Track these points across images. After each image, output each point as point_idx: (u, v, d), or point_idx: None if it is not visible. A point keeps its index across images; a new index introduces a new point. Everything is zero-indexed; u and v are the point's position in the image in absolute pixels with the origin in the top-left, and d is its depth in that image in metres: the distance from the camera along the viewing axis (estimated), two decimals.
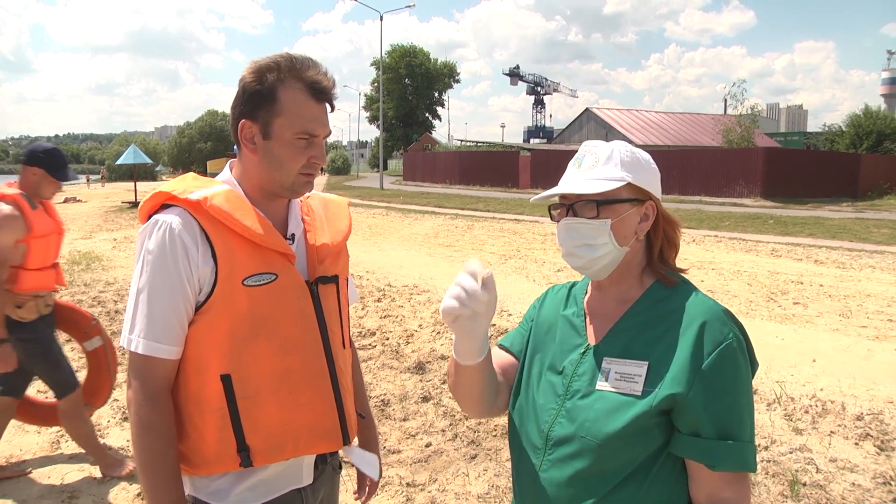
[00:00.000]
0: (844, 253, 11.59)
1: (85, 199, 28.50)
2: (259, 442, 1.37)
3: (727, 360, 1.12)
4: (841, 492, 3.33)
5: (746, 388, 1.15)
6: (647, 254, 1.29)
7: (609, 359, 1.21)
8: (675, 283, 1.25)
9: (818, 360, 5.44)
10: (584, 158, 1.28)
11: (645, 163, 1.27)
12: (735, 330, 1.16)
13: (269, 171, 1.40)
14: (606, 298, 1.30)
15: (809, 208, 21.17)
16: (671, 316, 1.19)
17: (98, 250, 12.23)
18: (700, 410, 1.10)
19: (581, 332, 1.30)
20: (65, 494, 3.42)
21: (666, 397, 1.12)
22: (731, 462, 1.11)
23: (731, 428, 1.11)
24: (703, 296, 1.22)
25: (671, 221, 1.29)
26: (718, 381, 1.11)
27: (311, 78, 1.37)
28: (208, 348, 1.34)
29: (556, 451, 1.22)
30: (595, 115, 49.63)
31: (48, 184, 3.32)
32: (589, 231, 1.23)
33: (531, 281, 9.07)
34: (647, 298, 1.25)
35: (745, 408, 1.14)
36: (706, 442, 1.11)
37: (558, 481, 1.21)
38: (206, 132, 69.03)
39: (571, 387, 1.24)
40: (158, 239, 1.32)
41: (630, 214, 1.24)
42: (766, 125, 57.01)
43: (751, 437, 1.14)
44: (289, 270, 1.40)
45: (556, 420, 1.23)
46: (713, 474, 1.12)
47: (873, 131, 34.51)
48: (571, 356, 1.28)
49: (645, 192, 1.25)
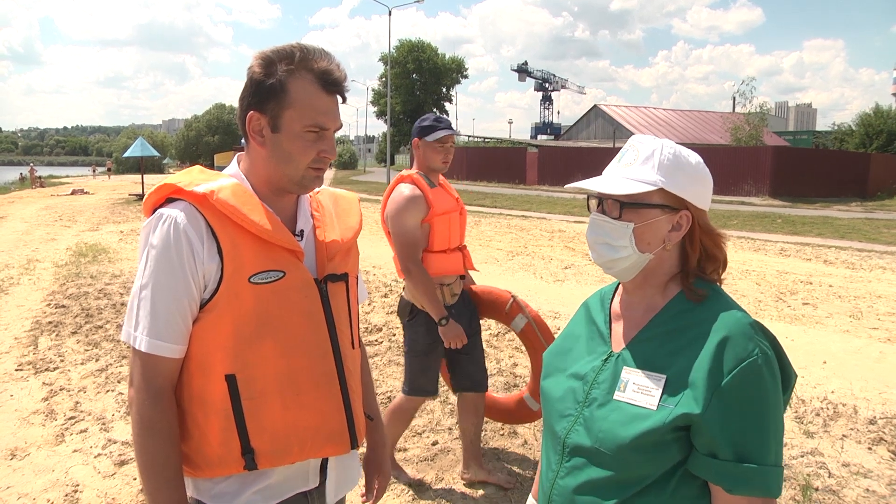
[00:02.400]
0: (854, 253, 11.50)
1: (92, 192, 28.56)
2: (264, 444, 1.33)
3: (749, 379, 1.04)
4: (855, 498, 3.28)
5: (771, 407, 1.07)
6: (680, 263, 1.21)
7: (629, 369, 1.16)
8: (699, 298, 1.17)
9: (829, 362, 5.38)
10: (626, 154, 1.21)
11: (689, 168, 1.18)
12: (762, 345, 1.08)
13: (277, 165, 1.35)
14: (633, 304, 1.24)
15: (818, 208, 21.04)
16: (694, 328, 1.12)
17: (105, 242, 12.25)
18: (716, 431, 1.04)
19: (606, 339, 1.25)
20: (69, 488, 3.40)
21: (681, 416, 1.06)
22: (751, 487, 1.04)
23: (752, 450, 1.04)
24: (732, 307, 1.14)
25: (712, 234, 1.20)
26: (738, 400, 1.04)
27: (322, 68, 1.32)
28: (213, 347, 1.30)
29: (572, 459, 1.18)
30: (603, 112, 49.43)
31: (431, 152, 3.17)
32: (611, 230, 1.18)
33: (538, 278, 9.02)
34: (671, 308, 1.18)
35: (769, 429, 1.05)
36: (724, 464, 1.04)
37: (573, 490, 1.17)
38: (214, 126, 69.13)
39: (591, 395, 1.19)
40: (163, 234, 1.28)
41: (658, 221, 1.16)
42: (775, 124, 56.73)
43: (776, 461, 1.06)
44: (297, 268, 1.35)
45: (573, 428, 1.19)
46: (733, 497, 1.06)
47: (884, 130, 34.29)
48: (594, 363, 1.23)
49: (680, 199, 1.17)
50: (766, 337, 1.10)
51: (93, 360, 5.33)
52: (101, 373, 5.04)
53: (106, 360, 5.34)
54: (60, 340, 5.90)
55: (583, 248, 11.63)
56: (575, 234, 13.83)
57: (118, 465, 3.63)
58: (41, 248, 11.75)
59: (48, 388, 4.74)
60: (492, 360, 5.34)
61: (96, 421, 4.20)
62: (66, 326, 6.33)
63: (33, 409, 4.40)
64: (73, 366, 5.23)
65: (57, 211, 19.39)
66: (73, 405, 4.45)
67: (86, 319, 6.55)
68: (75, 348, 5.67)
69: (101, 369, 5.11)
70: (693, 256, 1.19)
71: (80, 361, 5.32)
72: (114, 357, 5.40)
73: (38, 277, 8.90)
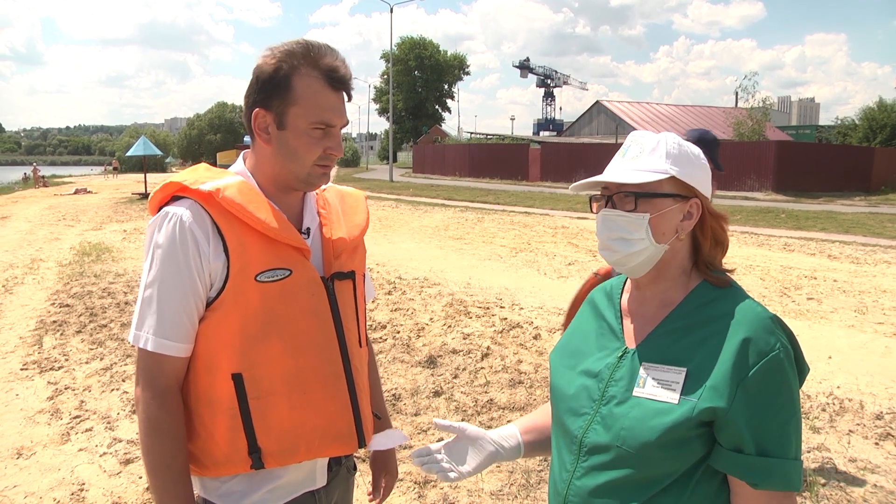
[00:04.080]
0: (858, 248, 11.46)
1: (95, 191, 28.59)
2: (271, 443, 1.32)
3: (772, 373, 1.05)
4: (862, 493, 3.26)
5: (793, 402, 1.07)
6: (692, 254, 1.21)
7: (647, 364, 1.15)
8: (726, 285, 1.17)
9: (834, 357, 5.36)
10: (630, 148, 1.21)
11: (694, 157, 1.19)
12: (783, 339, 1.08)
13: (283, 163, 1.34)
14: (646, 299, 1.23)
15: (822, 202, 20.97)
16: (715, 321, 1.12)
17: (108, 241, 12.26)
18: (742, 426, 1.04)
19: (619, 335, 1.24)
20: (75, 486, 3.40)
21: (706, 409, 1.05)
22: (775, 481, 1.04)
23: (776, 445, 1.05)
24: (750, 301, 1.14)
25: (719, 219, 1.21)
26: (762, 395, 1.04)
27: (327, 65, 1.31)
28: (219, 346, 1.29)
29: (589, 458, 1.16)
30: (605, 107, 49.33)
31: None
32: (626, 224, 1.16)
33: (542, 274, 9.01)
34: (691, 301, 1.17)
35: (790, 423, 1.06)
36: (748, 458, 1.04)
37: (592, 490, 1.15)
38: (216, 124, 69.23)
39: (607, 392, 1.17)
40: (168, 232, 1.27)
41: (672, 211, 1.16)
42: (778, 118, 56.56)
43: (796, 454, 1.07)
44: (303, 266, 1.34)
45: (590, 426, 1.17)
46: (756, 492, 1.06)
47: (887, 124, 34.19)
48: (608, 360, 1.21)
49: (690, 188, 1.17)
50: (784, 331, 1.10)
51: (97, 359, 5.34)
52: (105, 372, 5.05)
53: (110, 358, 5.35)
54: (65, 340, 5.91)
55: (586, 245, 11.62)
56: (578, 231, 13.81)
57: (124, 463, 3.63)
58: (45, 247, 11.76)
59: (53, 388, 4.75)
60: (496, 356, 5.34)
61: (101, 420, 4.20)
62: (70, 326, 6.34)
63: (39, 409, 4.40)
64: (77, 365, 5.23)
65: (60, 210, 19.41)
66: (79, 404, 4.46)
67: (90, 318, 6.56)
68: (80, 347, 5.68)
69: (106, 368, 5.12)
70: (705, 244, 1.20)
71: (84, 360, 5.33)
72: (118, 356, 5.41)
73: (42, 277, 8.91)
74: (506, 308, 7.00)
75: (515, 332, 6.07)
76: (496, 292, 7.79)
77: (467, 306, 7.01)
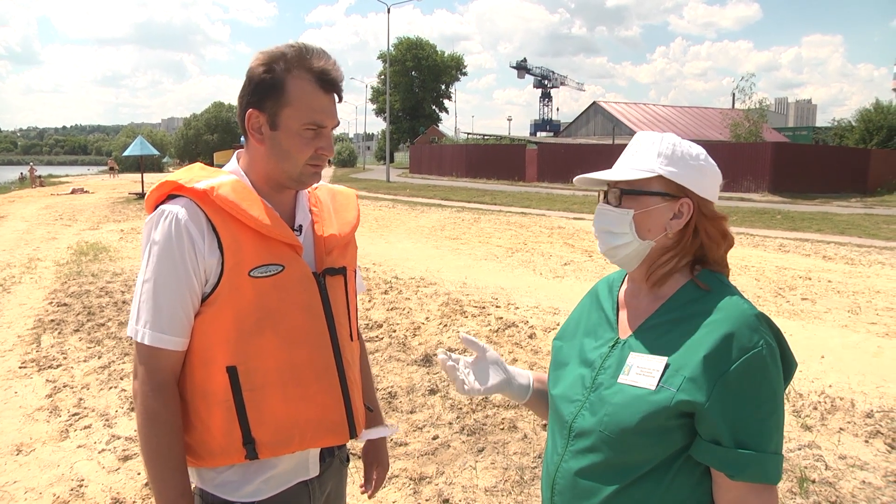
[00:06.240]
0: (853, 249, 11.52)
1: (92, 191, 28.57)
2: (265, 435, 1.36)
3: (753, 370, 1.08)
4: (851, 489, 3.31)
5: (774, 398, 1.10)
6: (685, 251, 1.23)
7: (634, 354, 1.19)
8: (706, 288, 1.20)
9: (826, 357, 5.41)
10: (630, 147, 1.26)
11: (691, 158, 1.21)
12: (767, 336, 1.11)
13: (276, 162, 1.38)
14: (640, 292, 1.28)
15: (818, 204, 21.04)
16: (700, 317, 1.15)
17: (105, 241, 12.28)
18: (720, 419, 1.07)
19: (613, 326, 1.29)
20: (74, 482, 3.43)
21: (684, 401, 1.09)
22: (751, 473, 1.07)
23: (754, 439, 1.07)
24: (738, 298, 1.16)
25: (716, 220, 1.23)
26: (742, 390, 1.07)
27: (319, 68, 1.35)
28: (214, 340, 1.33)
29: (576, 442, 1.22)
30: (602, 108, 49.38)
31: None
32: (613, 218, 1.22)
33: (538, 274, 9.05)
34: (680, 297, 1.21)
35: (770, 418, 1.09)
36: (726, 451, 1.08)
37: (576, 472, 1.21)
38: (213, 124, 69.06)
39: (597, 380, 1.22)
40: (165, 229, 1.31)
41: (659, 209, 1.20)
42: (775, 120, 56.64)
43: (776, 449, 1.09)
44: (296, 262, 1.38)
45: (579, 412, 1.23)
46: (734, 483, 1.09)
47: (884, 126, 34.26)
48: (601, 349, 1.26)
49: (681, 187, 1.19)
50: (770, 328, 1.13)
51: (95, 358, 5.37)
52: (103, 370, 5.08)
53: (108, 357, 5.38)
54: (63, 338, 5.94)
55: (582, 245, 11.67)
56: (574, 231, 13.85)
57: (122, 459, 3.66)
58: (42, 246, 11.78)
59: (52, 385, 4.78)
60: None
61: (100, 417, 4.24)
62: (68, 324, 6.36)
63: (37, 406, 4.43)
64: (75, 363, 5.26)
65: (57, 210, 19.41)
66: (77, 402, 4.49)
67: (88, 317, 6.59)
68: (78, 346, 5.71)
69: (104, 366, 5.15)
70: (695, 244, 1.22)
71: (82, 359, 5.36)
72: (116, 354, 5.43)
73: (39, 276, 8.93)
74: (501, 307, 7.04)
75: (511, 331, 6.11)
76: (492, 292, 7.83)
77: (463, 306, 7.05)
